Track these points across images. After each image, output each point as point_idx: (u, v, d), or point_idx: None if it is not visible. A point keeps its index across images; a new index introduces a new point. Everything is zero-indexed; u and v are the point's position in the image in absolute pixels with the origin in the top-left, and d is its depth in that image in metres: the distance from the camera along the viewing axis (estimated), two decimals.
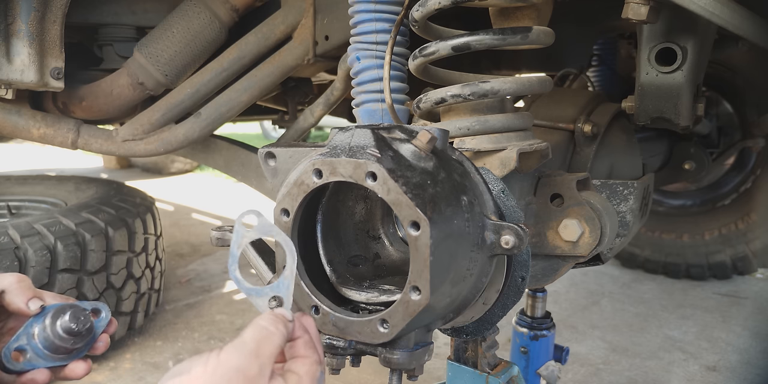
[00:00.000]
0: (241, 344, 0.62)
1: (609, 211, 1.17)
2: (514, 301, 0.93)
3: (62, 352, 0.83)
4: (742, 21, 1.06)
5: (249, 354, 0.61)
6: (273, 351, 0.64)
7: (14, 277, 0.84)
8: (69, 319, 0.81)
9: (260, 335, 0.64)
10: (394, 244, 0.98)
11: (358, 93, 1.36)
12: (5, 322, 0.88)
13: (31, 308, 0.82)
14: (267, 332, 0.65)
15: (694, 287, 3.42)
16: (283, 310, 0.70)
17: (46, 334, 0.81)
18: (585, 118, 1.45)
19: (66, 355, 0.84)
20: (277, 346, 0.65)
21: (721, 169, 3.32)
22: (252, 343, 0.62)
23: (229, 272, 0.70)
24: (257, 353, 0.61)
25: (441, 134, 0.81)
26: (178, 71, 2.01)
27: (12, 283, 0.83)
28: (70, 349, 0.83)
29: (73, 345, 0.83)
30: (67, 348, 0.83)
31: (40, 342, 0.81)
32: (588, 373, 2.45)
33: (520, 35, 1.00)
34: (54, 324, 0.81)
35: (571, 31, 2.26)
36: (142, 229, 2.73)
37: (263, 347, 0.63)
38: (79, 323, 0.81)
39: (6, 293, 0.82)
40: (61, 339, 0.81)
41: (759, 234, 3.18)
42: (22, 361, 0.81)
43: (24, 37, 1.68)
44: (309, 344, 0.70)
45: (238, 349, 0.61)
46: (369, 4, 1.29)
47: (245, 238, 0.70)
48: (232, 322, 2.97)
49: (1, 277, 0.83)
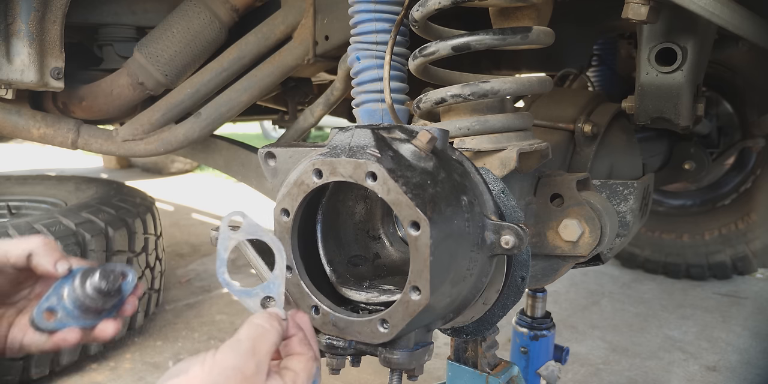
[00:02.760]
0: (236, 343, 0.62)
1: (609, 211, 1.17)
2: (514, 301, 0.93)
3: (92, 312, 0.82)
4: (742, 21, 1.06)
5: (245, 353, 0.61)
6: (269, 348, 0.64)
7: (41, 240, 0.83)
8: (98, 279, 0.80)
9: (255, 333, 0.64)
10: (394, 244, 0.98)
11: (358, 93, 1.36)
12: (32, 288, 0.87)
13: (59, 270, 0.82)
14: (262, 330, 0.65)
15: (694, 287, 3.42)
16: (277, 309, 0.70)
17: (75, 294, 0.80)
18: (585, 118, 1.45)
19: (95, 315, 0.83)
20: (273, 343, 0.65)
21: (721, 169, 3.32)
22: (248, 342, 0.62)
23: (218, 275, 0.70)
24: (253, 351, 0.62)
25: (441, 134, 0.81)
26: (178, 71, 2.01)
27: (39, 245, 0.82)
28: (99, 309, 0.83)
29: (103, 305, 0.82)
30: (96, 308, 0.82)
31: (70, 302, 0.81)
32: (588, 373, 2.45)
33: (520, 35, 1.00)
34: (83, 284, 0.80)
35: (571, 31, 2.26)
36: (142, 229, 2.73)
37: (259, 345, 0.63)
38: (108, 283, 0.81)
39: (33, 255, 0.81)
40: (90, 299, 0.81)
41: (759, 234, 3.18)
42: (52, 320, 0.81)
43: (24, 37, 1.68)
44: (304, 341, 0.71)
45: (234, 349, 0.61)
46: (369, 4, 1.29)
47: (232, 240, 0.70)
48: (232, 322, 2.97)
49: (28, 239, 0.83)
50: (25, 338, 0.83)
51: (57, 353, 2.32)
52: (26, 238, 0.83)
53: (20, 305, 0.86)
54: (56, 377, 2.38)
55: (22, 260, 0.81)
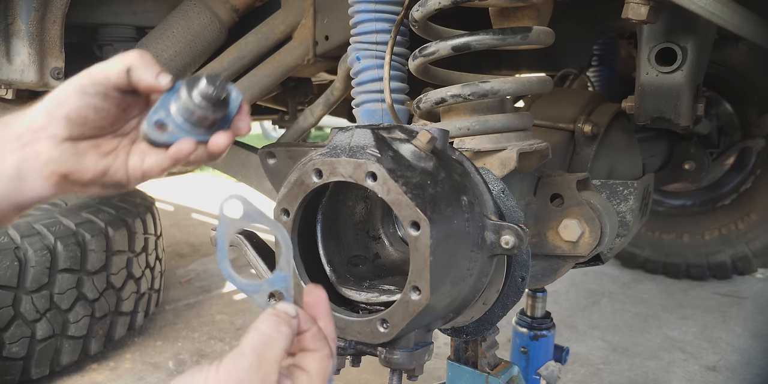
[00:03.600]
0: (240, 356, 0.57)
1: (609, 211, 1.17)
2: (514, 301, 0.93)
3: (202, 123, 0.77)
4: (742, 21, 1.06)
5: (249, 367, 0.56)
6: (276, 358, 0.59)
7: (137, 53, 0.77)
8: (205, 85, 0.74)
9: (261, 343, 0.59)
10: (394, 244, 0.98)
11: (358, 93, 1.36)
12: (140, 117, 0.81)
13: (162, 82, 0.75)
14: (268, 338, 0.59)
15: (694, 287, 3.42)
16: (286, 305, 0.63)
17: (183, 103, 0.75)
18: (585, 118, 1.45)
19: (206, 128, 0.78)
20: (281, 351, 0.60)
21: (721, 169, 3.32)
22: (252, 355, 0.57)
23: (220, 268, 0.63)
24: (258, 365, 0.57)
25: (441, 134, 0.81)
26: (178, 71, 2.01)
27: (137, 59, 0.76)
28: (210, 120, 0.77)
29: (213, 114, 0.76)
30: (206, 117, 0.77)
31: (179, 114, 0.76)
32: (588, 373, 2.45)
33: (520, 35, 1.01)
34: (191, 92, 0.75)
35: (571, 31, 2.25)
36: (142, 229, 2.73)
37: (265, 356, 0.58)
38: (215, 88, 0.75)
39: (133, 69, 0.75)
40: (199, 107, 0.75)
41: (759, 234, 3.18)
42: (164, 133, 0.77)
43: (24, 37, 1.68)
44: (318, 336, 0.64)
45: (238, 362, 0.57)
46: (369, 4, 1.29)
47: (231, 227, 0.64)
48: (232, 322, 2.97)
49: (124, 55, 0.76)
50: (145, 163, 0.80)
51: (57, 353, 2.32)
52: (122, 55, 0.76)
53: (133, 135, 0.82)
54: (56, 377, 2.38)
55: (123, 77, 0.75)
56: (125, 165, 0.80)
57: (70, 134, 0.76)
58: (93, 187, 0.80)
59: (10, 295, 2.15)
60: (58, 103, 0.75)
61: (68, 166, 0.76)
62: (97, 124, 0.77)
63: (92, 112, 0.76)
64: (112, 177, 0.79)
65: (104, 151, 0.79)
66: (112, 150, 0.80)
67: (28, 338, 2.21)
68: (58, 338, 2.30)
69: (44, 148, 0.75)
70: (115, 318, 2.56)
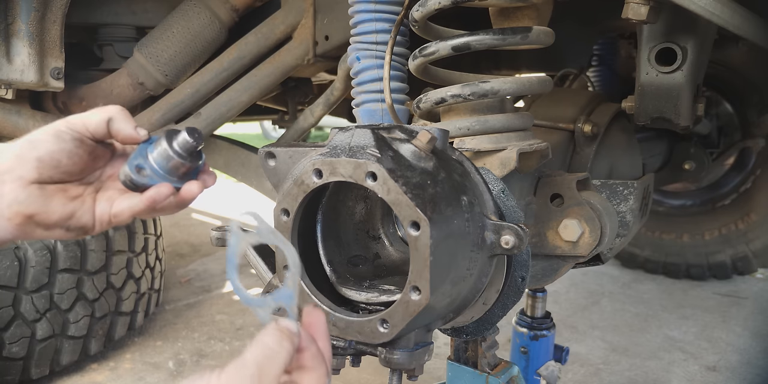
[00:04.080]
0: (242, 366, 0.59)
1: (609, 211, 1.17)
2: (514, 301, 0.93)
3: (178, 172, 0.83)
4: (742, 21, 1.06)
5: (251, 377, 0.58)
6: (277, 372, 0.60)
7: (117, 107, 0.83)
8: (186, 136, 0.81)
9: (263, 355, 0.61)
10: (394, 244, 0.98)
11: (358, 93, 1.36)
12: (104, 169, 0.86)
13: (141, 134, 0.82)
14: (271, 352, 0.61)
15: (694, 287, 3.42)
16: (289, 322, 0.65)
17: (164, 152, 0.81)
18: (585, 118, 1.45)
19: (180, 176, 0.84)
20: (282, 365, 0.61)
21: (721, 169, 3.32)
22: (254, 367, 0.59)
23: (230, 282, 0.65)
24: (259, 376, 0.59)
25: (441, 134, 0.81)
26: (178, 71, 2.01)
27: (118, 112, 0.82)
28: (185, 169, 0.83)
29: (190, 163, 0.83)
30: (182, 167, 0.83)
31: (157, 162, 0.82)
32: (588, 373, 2.45)
33: (520, 35, 1.00)
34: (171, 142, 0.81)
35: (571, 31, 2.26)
36: (142, 229, 2.73)
37: (266, 369, 0.60)
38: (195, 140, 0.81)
39: (113, 121, 0.81)
40: (179, 156, 0.81)
41: (759, 234, 3.18)
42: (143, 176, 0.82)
43: (24, 37, 1.68)
44: (317, 355, 0.66)
45: (239, 372, 0.58)
46: (369, 4, 1.29)
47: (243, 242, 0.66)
48: (232, 322, 2.97)
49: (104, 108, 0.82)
50: (114, 208, 0.84)
51: (57, 353, 2.32)
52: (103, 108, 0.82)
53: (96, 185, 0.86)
54: (56, 377, 2.38)
55: (102, 127, 0.81)
56: (92, 210, 0.84)
57: (39, 177, 0.78)
58: (57, 231, 0.83)
59: (10, 295, 2.15)
60: (31, 145, 0.78)
61: (34, 208, 0.79)
62: (68, 170, 0.81)
63: (65, 156, 0.79)
64: (78, 221, 0.83)
65: (71, 195, 0.83)
66: (78, 196, 0.83)
67: (28, 338, 2.21)
68: (58, 338, 2.31)
69: (9, 190, 0.77)
70: (115, 318, 2.56)
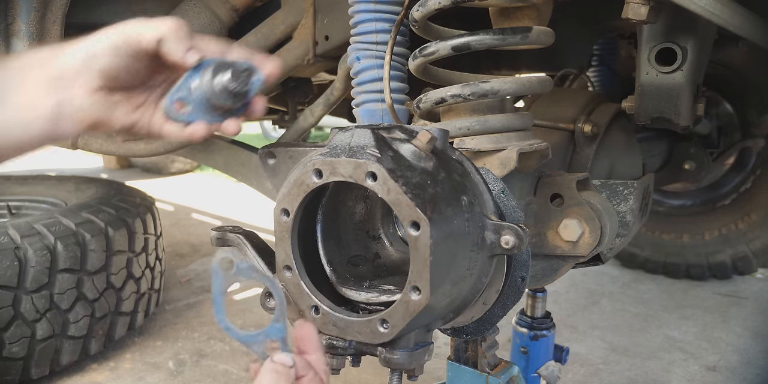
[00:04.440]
0: None
1: (609, 211, 1.17)
2: (514, 301, 0.93)
3: (219, 109, 0.81)
4: (742, 21, 1.06)
5: None
6: None
7: (173, 23, 0.77)
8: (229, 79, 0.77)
9: None
10: (394, 244, 0.98)
11: (358, 93, 1.36)
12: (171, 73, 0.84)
13: (189, 61, 0.77)
14: None
15: (694, 287, 3.42)
16: (284, 357, 0.67)
17: (203, 89, 0.78)
18: (585, 118, 1.45)
19: (222, 112, 0.82)
20: None
21: (721, 169, 3.32)
22: None
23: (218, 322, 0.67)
24: None
25: (441, 134, 0.81)
26: None
27: (171, 31, 0.77)
28: (227, 108, 0.81)
29: (231, 104, 0.80)
30: (223, 106, 0.80)
31: (198, 96, 0.79)
32: (588, 373, 2.45)
33: (520, 35, 1.00)
34: (212, 81, 0.77)
35: (571, 31, 2.26)
36: (142, 229, 2.73)
37: None
38: (237, 84, 0.78)
39: (164, 41, 0.76)
40: (218, 97, 0.78)
41: (759, 234, 3.18)
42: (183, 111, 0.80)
43: (24, 37, 1.68)
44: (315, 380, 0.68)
45: None
46: (369, 4, 1.29)
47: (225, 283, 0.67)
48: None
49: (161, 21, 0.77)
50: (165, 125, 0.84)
51: (57, 353, 2.32)
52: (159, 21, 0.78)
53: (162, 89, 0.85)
54: (56, 377, 2.38)
55: (153, 46, 0.77)
56: (150, 120, 0.84)
57: (104, 84, 0.78)
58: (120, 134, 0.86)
59: (10, 295, 2.15)
60: (92, 56, 0.77)
61: (99, 116, 0.79)
62: (129, 81, 0.80)
63: (124, 70, 0.78)
64: (138, 130, 0.84)
65: (135, 104, 0.83)
66: (142, 103, 0.83)
67: (28, 338, 2.21)
68: (58, 338, 2.31)
69: (78, 95, 0.77)
70: (115, 318, 2.56)
